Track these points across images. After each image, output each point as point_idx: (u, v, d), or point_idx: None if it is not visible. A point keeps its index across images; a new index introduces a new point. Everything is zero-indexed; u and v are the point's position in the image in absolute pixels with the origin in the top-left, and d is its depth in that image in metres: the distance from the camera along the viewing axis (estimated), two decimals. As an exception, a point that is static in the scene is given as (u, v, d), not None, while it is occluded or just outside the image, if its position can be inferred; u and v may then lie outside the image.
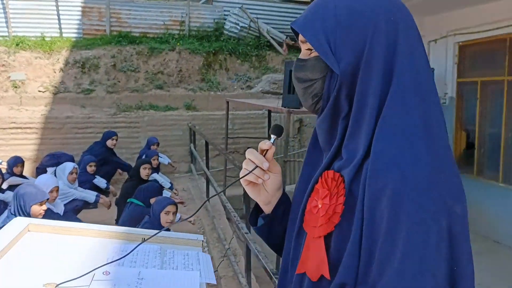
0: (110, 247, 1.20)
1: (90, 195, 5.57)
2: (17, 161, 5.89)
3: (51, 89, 8.88)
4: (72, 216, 4.61)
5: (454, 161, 0.80)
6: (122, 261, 1.08)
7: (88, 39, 9.82)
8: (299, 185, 1.03)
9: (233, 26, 10.35)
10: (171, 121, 8.74)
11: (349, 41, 0.84)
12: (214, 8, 10.63)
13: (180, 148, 8.72)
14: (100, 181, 6.34)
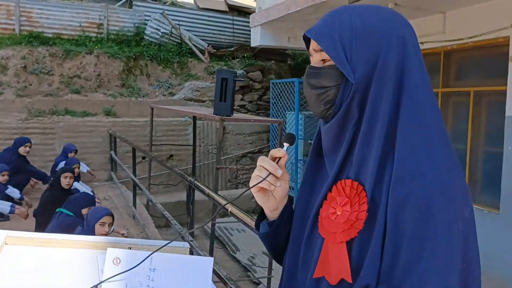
0: (99, 258, 1.17)
1: (4, 206, 5.19)
2: None
3: (-48, 91, 8.09)
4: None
5: (461, 167, 0.91)
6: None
7: (-5, 38, 9.10)
8: (304, 191, 1.07)
9: (154, 32, 10.17)
10: (90, 127, 8.37)
11: (364, 53, 0.91)
12: (134, 13, 10.37)
13: (100, 156, 8.37)
14: (13, 191, 5.92)
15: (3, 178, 5.76)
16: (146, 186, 6.62)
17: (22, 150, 6.68)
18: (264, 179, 0.99)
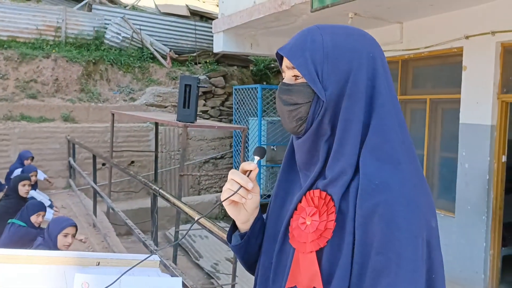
0: (68, 274, 1.14)
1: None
2: None
3: None
4: None
5: (426, 181, 0.95)
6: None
7: None
8: (276, 203, 1.09)
9: (115, 36, 9.99)
10: (47, 134, 8.11)
11: (335, 72, 0.94)
12: (94, 16, 10.15)
13: (57, 163, 8.12)
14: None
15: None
16: (107, 193, 6.48)
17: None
18: (236, 192, 1.00)
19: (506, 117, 5.38)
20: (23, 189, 4.94)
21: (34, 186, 6.13)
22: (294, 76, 0.98)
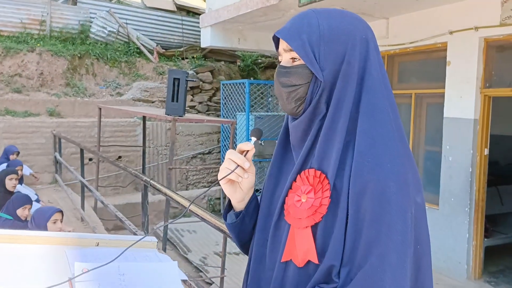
0: (69, 253, 1.16)
1: None
2: None
3: None
4: None
5: (413, 158, 1.00)
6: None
7: None
8: (270, 182, 1.14)
9: (100, 30, 9.91)
10: (32, 128, 8.03)
11: (331, 53, 0.98)
12: (79, 10, 10.06)
13: (43, 158, 8.06)
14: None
15: None
16: (94, 188, 6.45)
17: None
18: (233, 171, 1.04)
19: (489, 111, 5.50)
20: (10, 183, 4.92)
21: (20, 181, 6.08)
22: (292, 59, 1.02)
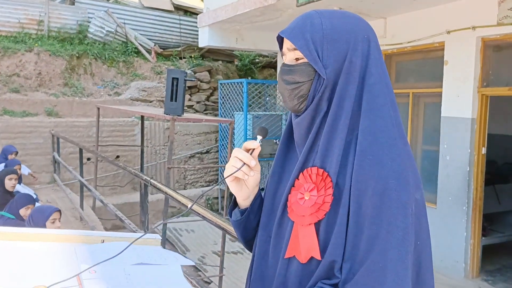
0: (78, 250, 1.18)
1: None
2: None
3: None
4: None
5: (413, 156, 1.02)
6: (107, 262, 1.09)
7: None
8: (273, 179, 1.15)
9: (98, 30, 9.91)
10: (30, 128, 8.03)
11: (334, 52, 1.01)
12: (77, 10, 10.05)
13: (41, 157, 8.05)
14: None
15: None
16: (93, 188, 6.46)
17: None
18: (239, 169, 1.06)
19: (486, 110, 5.53)
20: (10, 183, 4.91)
21: (19, 180, 6.08)
22: (296, 59, 1.04)
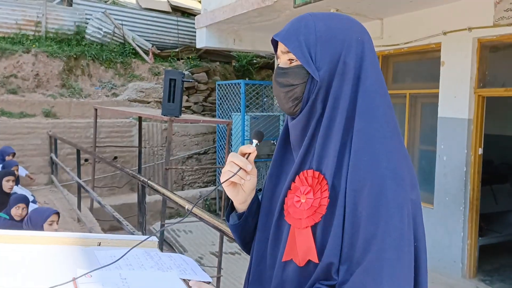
0: (76, 253, 1.19)
1: None
2: None
3: None
4: None
5: (409, 156, 1.03)
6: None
7: None
8: (270, 182, 1.16)
9: (96, 31, 9.91)
10: (28, 129, 8.03)
11: (327, 54, 1.01)
12: (75, 11, 10.05)
13: (39, 158, 8.06)
14: None
15: None
16: (90, 189, 6.46)
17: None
18: (235, 174, 1.06)
19: (483, 111, 5.55)
20: (7, 185, 4.92)
21: (16, 182, 6.08)
22: (289, 60, 1.05)
